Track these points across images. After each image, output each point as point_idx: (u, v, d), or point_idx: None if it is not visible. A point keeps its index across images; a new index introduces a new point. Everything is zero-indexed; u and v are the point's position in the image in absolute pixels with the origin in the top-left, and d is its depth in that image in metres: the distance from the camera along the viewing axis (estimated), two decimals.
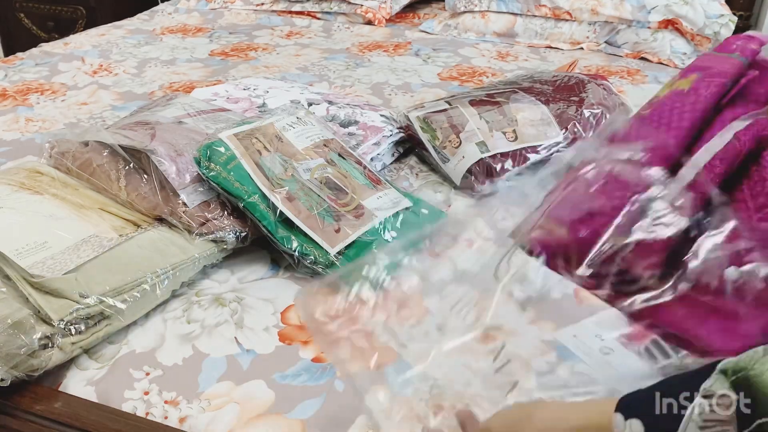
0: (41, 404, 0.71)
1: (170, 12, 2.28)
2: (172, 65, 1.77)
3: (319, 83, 1.64)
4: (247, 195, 0.92)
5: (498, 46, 1.99)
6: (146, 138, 0.98)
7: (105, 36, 2.01)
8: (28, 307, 0.74)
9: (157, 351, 0.79)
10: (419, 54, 1.90)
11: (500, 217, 1.09)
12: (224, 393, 0.73)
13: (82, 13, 2.59)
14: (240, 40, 2.01)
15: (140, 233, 0.90)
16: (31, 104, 1.50)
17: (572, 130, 1.17)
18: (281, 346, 0.81)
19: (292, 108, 1.13)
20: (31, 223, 0.86)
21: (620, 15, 1.89)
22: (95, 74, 1.70)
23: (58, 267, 0.79)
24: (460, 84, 1.68)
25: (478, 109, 1.22)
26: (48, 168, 1.01)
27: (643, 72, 1.78)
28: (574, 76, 1.31)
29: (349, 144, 1.14)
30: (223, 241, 0.92)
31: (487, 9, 2.04)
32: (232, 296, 0.89)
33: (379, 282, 0.90)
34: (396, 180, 1.19)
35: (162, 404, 0.72)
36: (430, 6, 2.39)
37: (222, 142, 0.96)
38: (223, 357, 0.78)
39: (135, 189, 0.95)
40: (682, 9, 1.83)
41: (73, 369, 0.76)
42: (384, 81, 1.67)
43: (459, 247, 1.00)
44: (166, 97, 1.27)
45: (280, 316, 0.86)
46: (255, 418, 0.70)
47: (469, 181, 1.15)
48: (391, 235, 0.96)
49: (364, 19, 2.18)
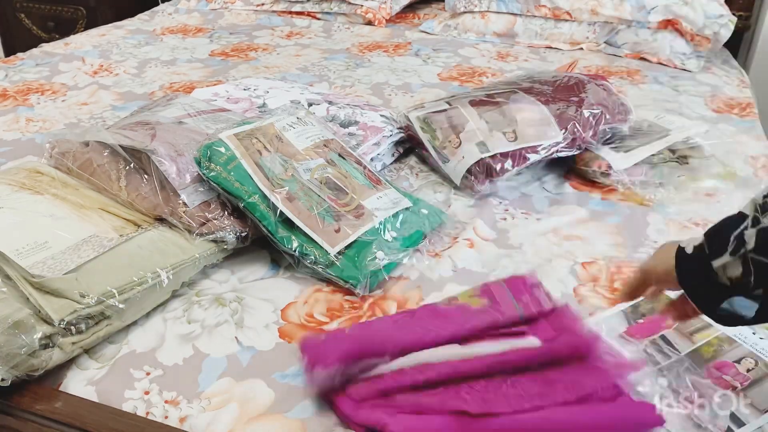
0: (42, 404, 0.71)
1: (170, 12, 2.29)
2: (172, 65, 1.78)
3: (319, 83, 1.64)
4: (247, 195, 0.92)
5: (498, 46, 1.99)
6: (147, 138, 0.98)
7: (105, 36, 2.01)
8: (29, 306, 0.74)
9: (158, 351, 0.79)
10: (419, 54, 1.90)
11: (500, 217, 1.09)
12: (224, 393, 0.73)
13: (82, 14, 2.59)
14: (240, 41, 2.01)
15: (140, 233, 0.90)
16: (32, 104, 1.50)
17: (572, 130, 1.17)
18: (281, 345, 0.81)
19: (292, 108, 1.13)
20: (32, 223, 0.86)
21: (620, 15, 1.89)
22: (95, 74, 1.70)
23: (58, 267, 0.79)
24: (460, 84, 1.68)
25: (478, 109, 1.22)
26: (48, 168, 1.01)
27: (643, 72, 1.78)
28: (574, 77, 1.31)
29: (349, 144, 1.14)
30: (224, 241, 0.92)
31: (487, 9, 2.04)
32: (232, 296, 0.89)
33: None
34: (396, 180, 1.19)
35: (162, 404, 0.72)
36: (430, 6, 2.39)
37: (222, 142, 0.96)
38: (223, 357, 0.78)
39: (135, 189, 0.95)
40: (681, 9, 1.83)
41: (74, 369, 0.76)
42: (384, 81, 1.67)
43: (459, 247, 1.00)
44: (167, 98, 1.27)
45: (280, 315, 0.86)
46: (255, 418, 0.70)
47: (469, 181, 1.15)
48: (391, 235, 0.96)
49: (364, 19, 2.19)
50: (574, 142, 1.18)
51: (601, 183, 1.19)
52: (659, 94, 1.63)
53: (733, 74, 1.81)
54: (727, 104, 1.59)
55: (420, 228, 1.00)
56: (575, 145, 1.18)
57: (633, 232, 1.06)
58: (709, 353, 0.77)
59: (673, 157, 1.21)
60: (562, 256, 0.99)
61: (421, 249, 0.99)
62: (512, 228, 1.06)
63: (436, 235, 1.03)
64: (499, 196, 1.16)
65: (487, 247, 1.01)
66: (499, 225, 1.07)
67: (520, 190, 1.19)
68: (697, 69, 1.81)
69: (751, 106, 1.57)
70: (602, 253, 1.00)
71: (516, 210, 1.12)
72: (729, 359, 0.76)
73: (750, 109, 1.56)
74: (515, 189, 1.19)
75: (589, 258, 0.99)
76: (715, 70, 1.83)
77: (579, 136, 1.18)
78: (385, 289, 0.91)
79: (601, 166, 1.18)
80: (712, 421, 0.68)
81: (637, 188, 1.15)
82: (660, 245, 0.71)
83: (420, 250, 0.99)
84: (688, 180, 1.19)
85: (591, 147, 1.20)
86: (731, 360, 0.76)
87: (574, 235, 1.05)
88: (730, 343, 0.78)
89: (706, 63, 1.85)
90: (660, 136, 1.23)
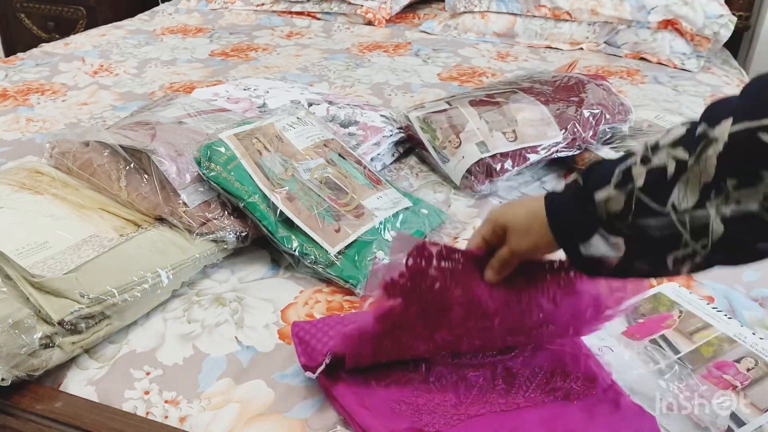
0: (42, 404, 0.71)
1: (170, 12, 2.29)
2: (172, 65, 1.78)
3: (319, 83, 1.64)
4: (247, 195, 0.92)
5: (498, 46, 1.99)
6: (147, 138, 0.98)
7: (105, 36, 2.01)
8: (29, 306, 0.74)
9: (158, 351, 0.79)
10: (419, 54, 1.90)
11: None
12: (224, 392, 0.73)
13: (82, 14, 2.59)
14: (240, 41, 2.01)
15: (140, 233, 0.90)
16: (32, 104, 1.50)
17: (572, 130, 1.17)
18: (281, 345, 0.81)
19: (292, 108, 1.13)
20: (32, 223, 0.86)
21: (620, 15, 1.89)
22: (96, 74, 1.70)
23: (58, 267, 0.79)
24: (460, 84, 1.68)
25: (478, 109, 1.22)
26: (48, 168, 1.01)
27: (643, 72, 1.78)
28: (574, 77, 1.31)
29: (349, 144, 1.14)
30: (224, 241, 0.92)
31: (487, 9, 2.04)
32: (232, 296, 0.89)
33: None
34: (396, 180, 1.19)
35: (162, 404, 0.72)
36: (430, 6, 2.39)
37: (222, 142, 0.96)
38: (223, 356, 0.78)
39: (135, 189, 0.95)
40: (681, 9, 1.83)
41: (74, 369, 0.76)
42: (384, 81, 1.67)
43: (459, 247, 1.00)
44: (167, 97, 1.27)
45: (280, 315, 0.86)
46: (255, 418, 0.70)
47: (469, 181, 1.15)
48: (392, 234, 0.96)
49: (364, 19, 2.19)
50: (574, 142, 1.18)
51: None
52: (659, 94, 1.63)
53: (733, 74, 1.81)
54: None
55: (420, 228, 1.00)
56: (575, 145, 1.18)
57: None
58: (709, 353, 0.77)
59: None
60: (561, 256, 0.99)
61: None
62: None
63: (436, 235, 1.03)
64: (499, 196, 1.16)
65: None
66: None
67: (520, 190, 1.19)
68: (697, 69, 1.81)
69: None
70: None
71: None
72: (729, 359, 0.76)
73: None
74: (515, 189, 1.19)
75: None
76: (714, 70, 1.83)
77: (579, 136, 1.18)
78: None
79: None
80: (712, 421, 0.68)
81: None
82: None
83: None
84: None
85: (591, 147, 1.20)
86: (731, 359, 0.76)
87: None
88: (730, 343, 0.78)
89: (706, 63, 1.85)
90: None
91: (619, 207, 0.52)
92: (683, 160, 0.49)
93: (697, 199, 0.48)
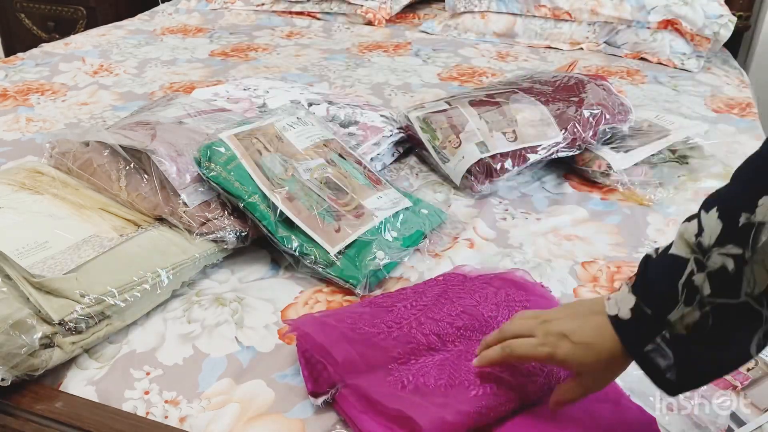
0: (42, 404, 0.71)
1: (170, 12, 2.29)
2: (172, 65, 1.78)
3: (319, 83, 1.64)
4: (247, 195, 0.92)
5: (498, 46, 1.99)
6: (147, 138, 0.98)
7: (105, 36, 2.01)
8: (29, 306, 0.74)
9: (158, 351, 0.79)
10: (419, 54, 1.90)
11: (500, 217, 1.09)
12: (224, 392, 0.73)
13: (82, 14, 2.59)
14: (240, 41, 2.01)
15: (140, 233, 0.90)
16: (32, 104, 1.50)
17: (572, 130, 1.17)
18: (281, 345, 0.81)
19: (292, 108, 1.13)
20: (32, 223, 0.86)
21: (620, 15, 1.89)
22: (96, 74, 1.70)
23: (58, 267, 0.79)
24: (460, 84, 1.68)
25: (478, 109, 1.22)
26: (48, 168, 1.01)
27: (643, 72, 1.78)
28: (574, 77, 1.31)
29: (349, 144, 1.14)
30: (224, 241, 0.92)
31: (486, 9, 2.04)
32: (232, 296, 0.89)
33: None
34: (396, 180, 1.19)
35: (162, 404, 0.72)
36: (430, 6, 2.39)
37: (222, 142, 0.96)
38: (223, 356, 0.78)
39: (135, 189, 0.95)
40: (681, 9, 1.83)
41: (74, 368, 0.76)
42: (384, 81, 1.67)
43: (459, 247, 1.00)
44: (167, 98, 1.27)
45: (280, 315, 0.86)
46: (255, 418, 0.70)
47: (469, 181, 1.15)
48: (392, 234, 0.96)
49: (364, 19, 2.19)
50: (574, 142, 1.18)
51: (601, 183, 1.19)
52: (659, 94, 1.63)
53: (733, 74, 1.81)
54: (727, 104, 1.59)
55: (420, 228, 1.00)
56: (575, 145, 1.18)
57: (633, 232, 1.06)
58: None
59: (673, 157, 1.21)
60: (561, 256, 0.99)
61: (422, 249, 0.99)
62: (512, 228, 1.06)
63: (436, 235, 1.03)
64: (499, 196, 1.16)
65: (487, 247, 1.01)
66: (499, 225, 1.07)
67: (520, 190, 1.19)
68: (697, 69, 1.81)
69: (751, 106, 1.58)
70: (602, 253, 1.00)
71: (516, 210, 1.12)
72: None
73: (750, 109, 1.56)
74: (515, 189, 1.19)
75: (589, 258, 0.99)
76: (714, 70, 1.83)
77: (579, 136, 1.18)
78: (385, 289, 0.91)
79: (601, 166, 1.18)
80: (712, 421, 0.68)
81: (637, 188, 1.15)
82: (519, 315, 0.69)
83: (420, 249, 0.99)
84: (688, 180, 1.19)
85: (591, 147, 1.20)
86: None
87: (573, 235, 1.05)
88: None
89: (706, 63, 1.85)
90: (660, 136, 1.23)
91: (694, 319, 0.53)
92: (739, 254, 0.50)
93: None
